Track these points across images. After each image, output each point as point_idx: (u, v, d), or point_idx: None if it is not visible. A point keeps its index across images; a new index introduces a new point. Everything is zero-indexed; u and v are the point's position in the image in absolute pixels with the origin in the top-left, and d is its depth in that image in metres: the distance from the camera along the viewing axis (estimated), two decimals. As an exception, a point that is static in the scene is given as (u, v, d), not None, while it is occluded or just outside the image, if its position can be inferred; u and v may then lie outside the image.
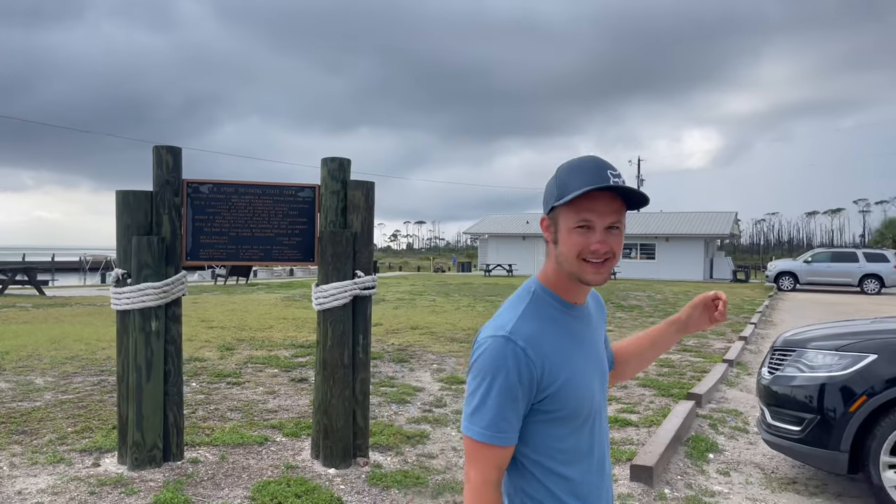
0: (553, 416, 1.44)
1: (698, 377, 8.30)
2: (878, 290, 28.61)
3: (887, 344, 4.29)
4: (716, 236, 40.49)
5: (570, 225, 1.44)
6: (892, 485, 4.12)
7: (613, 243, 1.45)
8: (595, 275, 1.46)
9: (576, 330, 1.52)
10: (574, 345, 1.50)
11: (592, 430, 1.52)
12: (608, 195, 1.44)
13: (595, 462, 1.53)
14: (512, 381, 1.39)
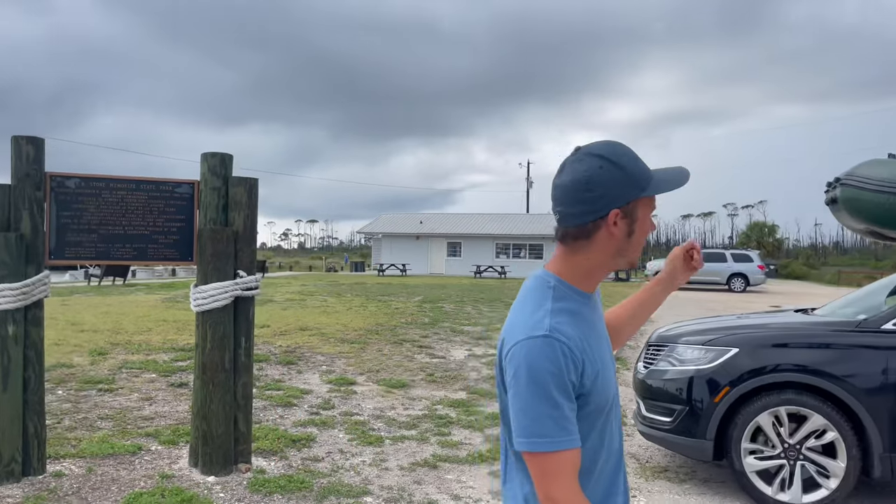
0: (583, 413, 1.37)
1: (581, 373, 8.61)
2: (743, 287, 30.85)
3: (748, 338, 4.60)
4: (600, 237, 42.28)
5: (648, 213, 1.45)
6: (752, 470, 4.43)
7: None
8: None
9: (593, 319, 1.47)
10: (595, 334, 1.44)
11: (613, 420, 1.48)
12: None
13: (616, 453, 1.49)
14: (563, 380, 1.31)
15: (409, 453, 5.20)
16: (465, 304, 18.69)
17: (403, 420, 6.14)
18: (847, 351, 4.33)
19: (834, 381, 4.26)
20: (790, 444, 4.36)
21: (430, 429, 5.88)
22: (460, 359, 9.62)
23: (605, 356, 1.44)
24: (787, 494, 4.34)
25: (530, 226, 44.29)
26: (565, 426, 1.30)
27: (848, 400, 4.23)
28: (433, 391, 7.43)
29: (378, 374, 8.27)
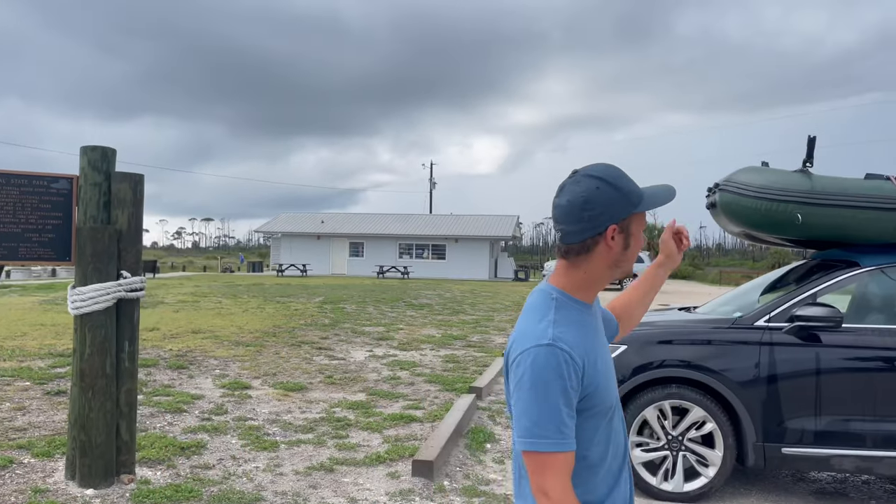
0: (589, 414, 1.49)
1: (480, 371, 8.73)
2: (634, 287, 32.31)
3: (635, 336, 4.80)
4: (500, 238, 43.10)
5: (640, 226, 1.58)
6: (639, 461, 4.62)
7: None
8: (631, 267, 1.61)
9: (595, 327, 1.59)
10: (597, 342, 1.56)
11: (617, 420, 1.59)
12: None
13: (621, 449, 1.60)
14: (565, 386, 1.42)
15: (304, 457, 5.09)
16: (367, 304, 18.57)
17: (300, 424, 6.01)
18: (724, 347, 4.59)
19: (712, 375, 4.52)
20: (673, 436, 4.59)
21: (328, 432, 5.78)
22: (361, 360, 9.53)
23: (606, 362, 1.57)
24: (670, 484, 4.56)
25: (433, 226, 44.55)
26: (562, 430, 1.41)
27: (725, 393, 4.49)
28: (332, 393, 7.32)
29: (275, 377, 8.06)
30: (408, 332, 12.76)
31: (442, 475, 4.79)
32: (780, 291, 4.98)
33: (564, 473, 1.42)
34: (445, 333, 12.74)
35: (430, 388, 7.75)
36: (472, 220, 45.78)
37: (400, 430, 5.92)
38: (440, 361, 9.58)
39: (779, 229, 4.80)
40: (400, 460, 5.03)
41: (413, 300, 20.79)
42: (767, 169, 4.91)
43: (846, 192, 4.56)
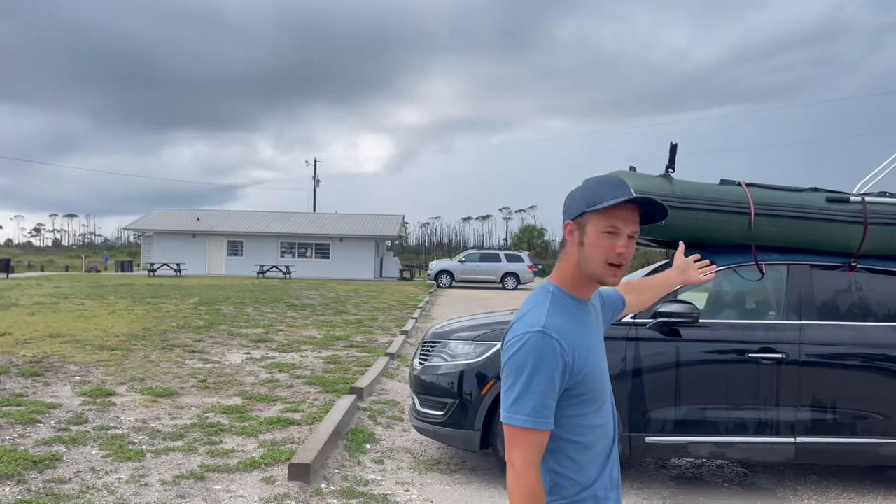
0: (580, 399, 1.63)
1: (362, 371, 8.66)
2: (515, 286, 33.22)
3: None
4: (385, 237, 43.04)
5: (599, 229, 1.63)
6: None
7: (630, 250, 1.66)
8: (613, 277, 1.65)
9: (589, 321, 1.72)
10: (589, 334, 1.69)
11: (608, 407, 1.72)
12: (632, 207, 1.65)
13: (610, 434, 1.72)
14: (551, 371, 1.55)
15: (173, 466, 4.84)
16: (246, 305, 17.98)
17: (169, 431, 5.71)
18: (594, 342, 4.79)
19: (583, 369, 4.70)
20: (547, 430, 4.74)
21: (199, 438, 5.53)
22: (237, 363, 9.20)
23: (598, 355, 1.70)
24: (543, 476, 4.71)
25: (317, 225, 43.80)
26: (541, 411, 1.55)
27: (594, 386, 4.69)
28: (205, 398, 7.01)
29: (142, 382, 7.62)
30: (288, 334, 12.46)
31: (319, 478, 4.70)
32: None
33: (533, 449, 1.55)
34: (328, 334, 12.55)
35: (310, 390, 7.59)
36: (357, 219, 45.42)
37: (277, 433, 5.76)
38: (321, 363, 9.42)
39: (645, 231, 5.05)
40: (276, 465, 4.89)
41: (295, 301, 20.34)
42: (634, 173, 5.17)
43: (703, 196, 4.89)
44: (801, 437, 4.66)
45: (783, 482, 5.13)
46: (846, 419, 4.68)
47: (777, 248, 4.91)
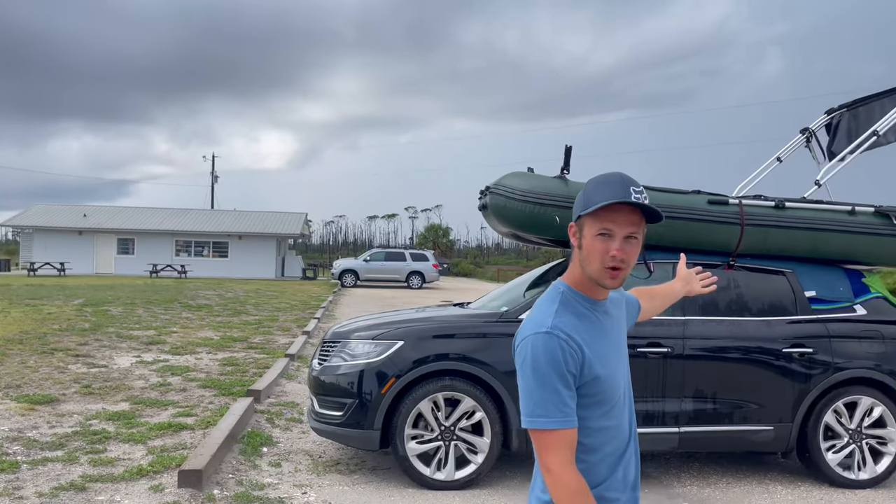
0: (588, 401, 1.62)
1: (261, 373, 8.43)
2: (420, 284, 33.34)
3: (412, 331, 4.93)
4: (288, 235, 42.14)
5: (593, 232, 1.64)
6: (413, 454, 4.75)
7: (630, 252, 1.63)
8: (612, 280, 1.64)
9: (602, 322, 1.71)
10: (602, 335, 1.68)
11: (622, 411, 1.71)
12: (628, 208, 1.62)
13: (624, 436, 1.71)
14: (562, 370, 1.57)
15: (51, 477, 4.54)
16: (137, 306, 17.13)
17: (48, 440, 5.36)
18: (492, 339, 4.88)
19: (481, 366, 4.78)
20: (446, 427, 4.78)
21: (82, 447, 5.21)
22: (126, 367, 8.75)
23: (612, 354, 1.69)
24: (442, 473, 4.75)
25: (215, 222, 42.31)
26: (562, 409, 1.56)
27: (492, 383, 4.77)
28: (89, 405, 6.62)
29: (19, 389, 7.11)
30: (182, 336, 11.97)
31: (212, 484, 4.54)
32: (541, 287, 5.40)
33: (564, 449, 1.57)
34: (225, 335, 12.15)
35: (205, 393, 7.32)
36: (257, 216, 44.20)
37: (167, 439, 5.52)
38: (217, 365, 9.11)
39: (541, 230, 5.21)
40: (165, 472, 4.69)
41: (190, 301, 19.57)
42: (531, 174, 5.30)
43: (596, 197, 5.07)
44: (685, 426, 4.92)
45: (668, 470, 5.40)
46: (725, 409, 4.98)
47: (663, 248, 5.16)
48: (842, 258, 5.35)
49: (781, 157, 6.62)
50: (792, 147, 6.65)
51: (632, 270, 1.71)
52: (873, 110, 6.17)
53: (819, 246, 5.22)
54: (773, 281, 5.23)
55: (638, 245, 1.66)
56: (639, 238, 1.65)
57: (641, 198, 1.63)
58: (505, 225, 5.35)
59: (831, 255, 5.31)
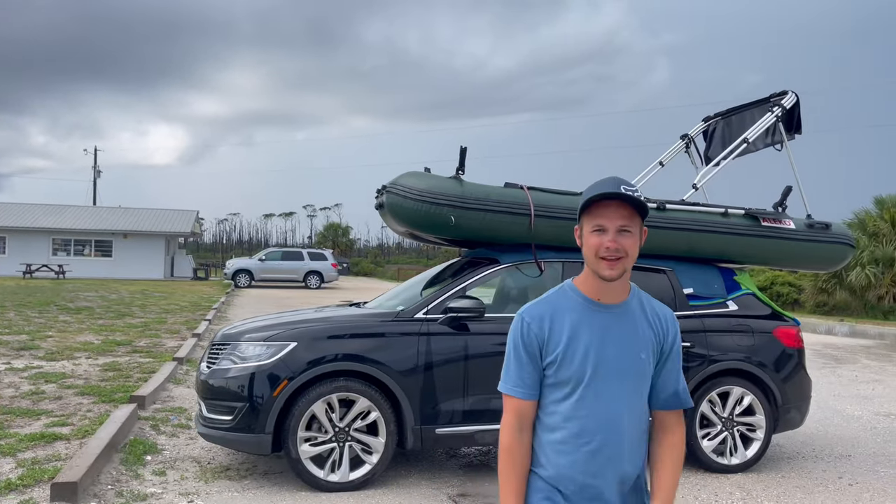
0: (549, 381, 1.83)
1: (146, 378, 8.03)
2: (318, 284, 32.82)
3: (305, 332, 4.84)
4: (177, 234, 40.39)
5: (588, 229, 1.80)
6: (306, 456, 4.66)
7: (625, 243, 1.75)
8: (609, 270, 1.77)
9: (592, 320, 1.82)
10: (585, 329, 1.81)
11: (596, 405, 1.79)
12: (617, 203, 1.75)
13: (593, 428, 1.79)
14: (520, 348, 1.84)
15: None
16: (7, 309, 15.91)
17: None
18: (387, 339, 4.87)
19: (377, 366, 4.75)
20: (340, 428, 4.72)
21: (-61, 463, 4.78)
22: (-7, 374, 8.09)
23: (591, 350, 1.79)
24: (336, 475, 4.69)
25: (97, 220, 39.91)
26: (515, 380, 1.84)
27: (387, 382, 4.76)
28: (-51, 416, 6.08)
29: None
30: (59, 340, 11.22)
31: (89, 496, 4.28)
32: (437, 286, 5.44)
33: (510, 413, 1.83)
34: (107, 339, 11.49)
35: (83, 401, 6.89)
36: (144, 213, 42.07)
37: (40, 451, 5.15)
38: (98, 371, 8.59)
39: (437, 230, 5.25)
40: (37, 485, 4.38)
41: (69, 303, 18.38)
42: (428, 174, 5.33)
43: (489, 198, 5.17)
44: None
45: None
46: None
47: (554, 247, 5.32)
48: (716, 257, 5.71)
49: (663, 162, 6.98)
50: (673, 152, 7.03)
51: (523, 269, 1.85)
52: (744, 119, 6.62)
53: (696, 246, 5.55)
54: (654, 279, 5.51)
55: (634, 238, 1.79)
56: (633, 231, 1.78)
57: (631, 191, 1.76)
58: (401, 224, 5.36)
59: (707, 255, 5.65)
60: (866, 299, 23.07)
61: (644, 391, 1.88)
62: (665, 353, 1.90)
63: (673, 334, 1.91)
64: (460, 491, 4.82)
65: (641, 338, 1.85)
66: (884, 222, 23.79)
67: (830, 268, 6.23)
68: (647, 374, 1.86)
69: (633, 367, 1.83)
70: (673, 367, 1.91)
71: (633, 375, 1.83)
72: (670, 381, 1.92)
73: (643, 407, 1.89)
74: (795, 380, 5.55)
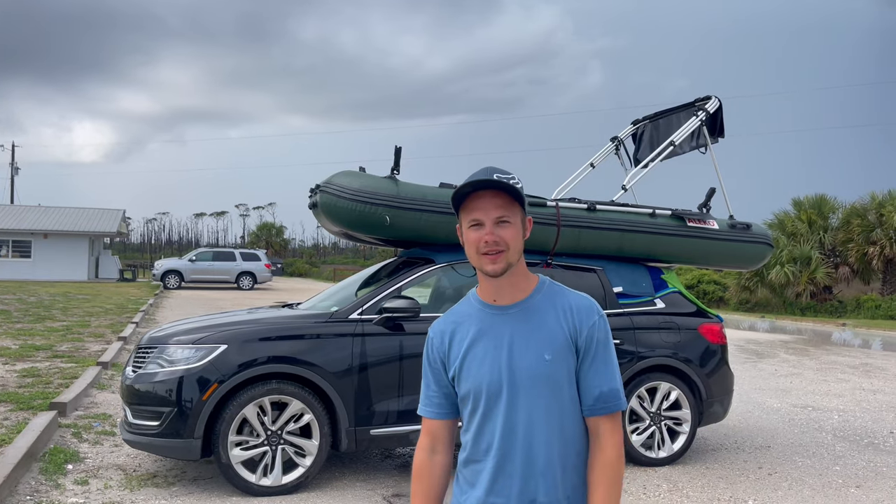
0: (460, 395, 1.71)
1: (67, 384, 7.70)
2: (251, 285, 32.15)
3: (236, 335, 4.73)
4: (102, 234, 38.85)
5: (466, 225, 1.66)
6: (237, 461, 4.56)
7: (505, 235, 1.61)
8: (491, 265, 1.62)
9: (491, 326, 1.67)
10: (483, 338, 1.67)
11: (496, 420, 1.63)
12: (491, 193, 1.61)
13: (493, 450, 1.64)
14: (427, 364, 1.77)
15: None
16: (-85, 313, 14.96)
17: None
18: (321, 340, 4.81)
19: (310, 368, 4.69)
20: (273, 431, 4.64)
21: None
22: None
23: (483, 357, 1.65)
24: (269, 479, 4.61)
25: (14, 219, 37.97)
26: (425, 398, 1.76)
27: (321, 384, 4.70)
28: None
29: None
30: (-27, 345, 10.62)
31: (4, 510, 4.08)
32: (373, 286, 5.41)
33: (423, 433, 1.76)
34: (25, 344, 10.95)
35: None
36: (67, 212, 40.27)
37: (-50, 463, 4.87)
38: (15, 377, 8.18)
39: (371, 230, 5.22)
40: (-54, 500, 4.14)
41: (-16, 306, 17.44)
42: (362, 174, 5.30)
43: (424, 198, 5.18)
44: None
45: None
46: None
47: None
48: (644, 256, 5.88)
49: (594, 163, 7.14)
50: (603, 154, 7.20)
51: (458, 269, 1.81)
52: (671, 122, 6.84)
53: (625, 245, 5.70)
54: (585, 278, 5.63)
55: (514, 228, 1.63)
56: (512, 221, 1.62)
57: (505, 178, 1.61)
58: (335, 224, 5.31)
59: (635, 254, 5.82)
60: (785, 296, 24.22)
61: (564, 400, 1.63)
62: (582, 349, 1.65)
63: (589, 325, 1.65)
64: (395, 491, 4.81)
65: (546, 337, 1.64)
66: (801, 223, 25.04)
67: (751, 266, 6.50)
68: (559, 379, 1.62)
69: (538, 373, 1.61)
70: (596, 365, 1.65)
71: (541, 382, 1.62)
72: (594, 380, 1.65)
73: (568, 420, 1.64)
74: (719, 375, 5.77)
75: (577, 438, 1.65)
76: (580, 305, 1.68)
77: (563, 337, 1.64)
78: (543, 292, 1.70)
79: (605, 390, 1.65)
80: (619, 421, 1.67)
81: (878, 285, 24.66)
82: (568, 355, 1.64)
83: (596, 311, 1.69)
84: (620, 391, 1.67)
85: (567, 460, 1.63)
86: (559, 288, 1.73)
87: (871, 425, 7.15)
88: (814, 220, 24.85)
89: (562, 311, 1.67)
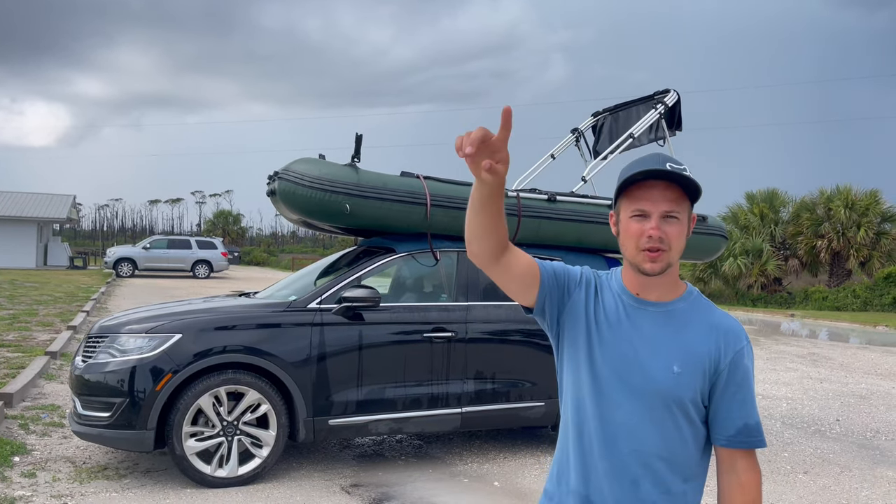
0: (559, 342, 1.67)
1: (14, 374, 7.46)
2: (207, 274, 31.59)
3: (191, 324, 4.63)
4: (52, 220, 37.70)
5: (627, 214, 1.51)
6: (192, 452, 4.48)
7: (671, 232, 1.47)
8: (650, 263, 1.48)
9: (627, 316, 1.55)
10: (614, 324, 1.55)
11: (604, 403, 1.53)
12: (663, 184, 1.47)
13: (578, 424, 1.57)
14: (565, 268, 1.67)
15: None
16: None
17: None
18: (279, 329, 4.75)
19: (267, 357, 4.63)
20: (229, 422, 4.57)
21: None
22: None
23: (605, 346, 1.54)
24: (224, 470, 4.54)
25: (-41, 204, 36.57)
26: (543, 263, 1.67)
27: (279, 374, 4.64)
28: None
29: None
30: (-88, 334, 10.21)
31: (-55, 505, 3.93)
32: (332, 275, 5.35)
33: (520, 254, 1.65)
34: (-31, 332, 10.57)
35: (-60, 400, 6.31)
36: (13, 197, 38.90)
37: None
38: (-42, 366, 7.89)
39: (331, 218, 5.16)
40: None
41: (-75, 294, 16.76)
42: (322, 161, 5.22)
43: (386, 186, 5.13)
44: (466, 406, 5.17)
45: (452, 450, 5.65)
46: (503, 388, 5.31)
47: (449, 237, 5.36)
48: (603, 247, 5.94)
49: (555, 155, 7.18)
50: (564, 145, 7.24)
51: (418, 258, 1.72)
52: (631, 115, 6.91)
53: (584, 236, 5.75)
54: (545, 268, 5.66)
55: (681, 226, 1.50)
56: (680, 218, 1.49)
57: (680, 170, 1.48)
58: (294, 212, 5.23)
59: (594, 245, 5.87)
60: (738, 288, 24.84)
61: (680, 416, 1.52)
62: (722, 375, 1.52)
63: (736, 350, 1.52)
64: (353, 481, 4.78)
65: (680, 348, 1.52)
66: (754, 216, 25.69)
67: (706, 258, 6.63)
68: (680, 395, 1.50)
69: (660, 380, 1.50)
70: (742, 394, 1.53)
71: (660, 390, 1.50)
72: (738, 411, 1.52)
73: (683, 436, 1.53)
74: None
75: (683, 463, 1.54)
76: (729, 327, 1.55)
77: (701, 355, 1.51)
78: (690, 301, 1.58)
79: (750, 423, 1.53)
80: (756, 458, 1.56)
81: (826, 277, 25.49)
82: (698, 375, 1.51)
83: (744, 335, 1.56)
84: (760, 427, 1.55)
85: (660, 478, 1.53)
86: (707, 303, 1.60)
87: (818, 413, 7.38)
88: (766, 213, 25.53)
89: (707, 328, 1.54)
